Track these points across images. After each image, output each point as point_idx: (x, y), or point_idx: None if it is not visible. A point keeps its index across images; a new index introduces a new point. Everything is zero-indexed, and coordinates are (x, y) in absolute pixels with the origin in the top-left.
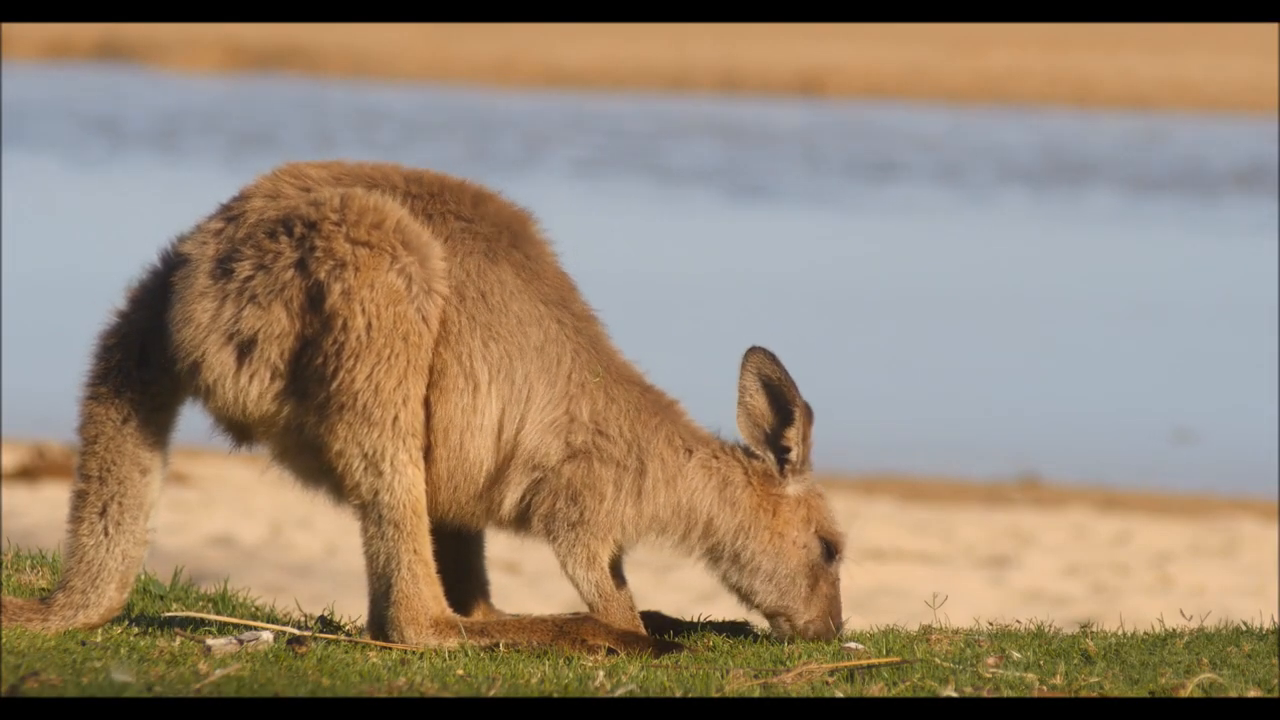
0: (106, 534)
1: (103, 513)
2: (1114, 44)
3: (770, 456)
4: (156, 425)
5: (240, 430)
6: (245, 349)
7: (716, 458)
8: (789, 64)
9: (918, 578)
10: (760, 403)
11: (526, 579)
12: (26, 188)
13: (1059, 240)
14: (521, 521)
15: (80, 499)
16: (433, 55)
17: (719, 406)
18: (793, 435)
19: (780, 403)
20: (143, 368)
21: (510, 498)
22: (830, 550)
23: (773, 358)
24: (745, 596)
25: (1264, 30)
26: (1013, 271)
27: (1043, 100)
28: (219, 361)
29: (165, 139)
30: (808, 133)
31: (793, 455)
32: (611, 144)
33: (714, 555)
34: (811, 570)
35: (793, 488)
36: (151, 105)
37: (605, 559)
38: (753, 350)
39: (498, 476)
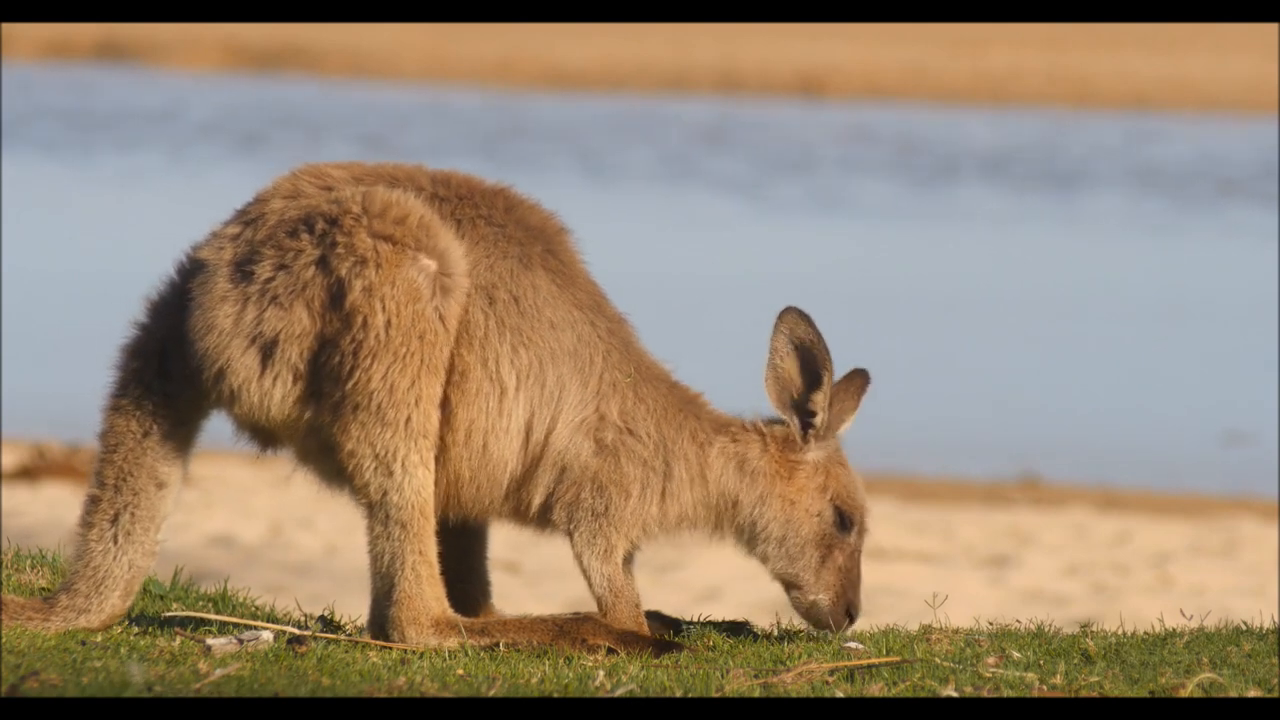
0: (116, 542)
1: (114, 521)
2: (1114, 44)
3: (795, 421)
4: (177, 440)
5: (265, 435)
6: (268, 351)
7: (735, 440)
8: (789, 64)
9: (918, 578)
10: (790, 366)
11: (526, 579)
12: (27, 187)
13: (1059, 242)
14: (545, 515)
15: (93, 504)
16: (433, 55)
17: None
18: (819, 400)
19: (810, 366)
20: (164, 379)
21: (539, 497)
22: (845, 520)
23: (807, 319)
24: (761, 560)
25: (1264, 30)
26: (1011, 272)
27: (1043, 100)
28: (243, 366)
29: (165, 139)
30: (808, 132)
31: (818, 420)
32: (613, 144)
33: (737, 529)
34: (824, 539)
35: (813, 454)
36: (151, 105)
37: (621, 554)
38: (787, 310)
39: (525, 477)
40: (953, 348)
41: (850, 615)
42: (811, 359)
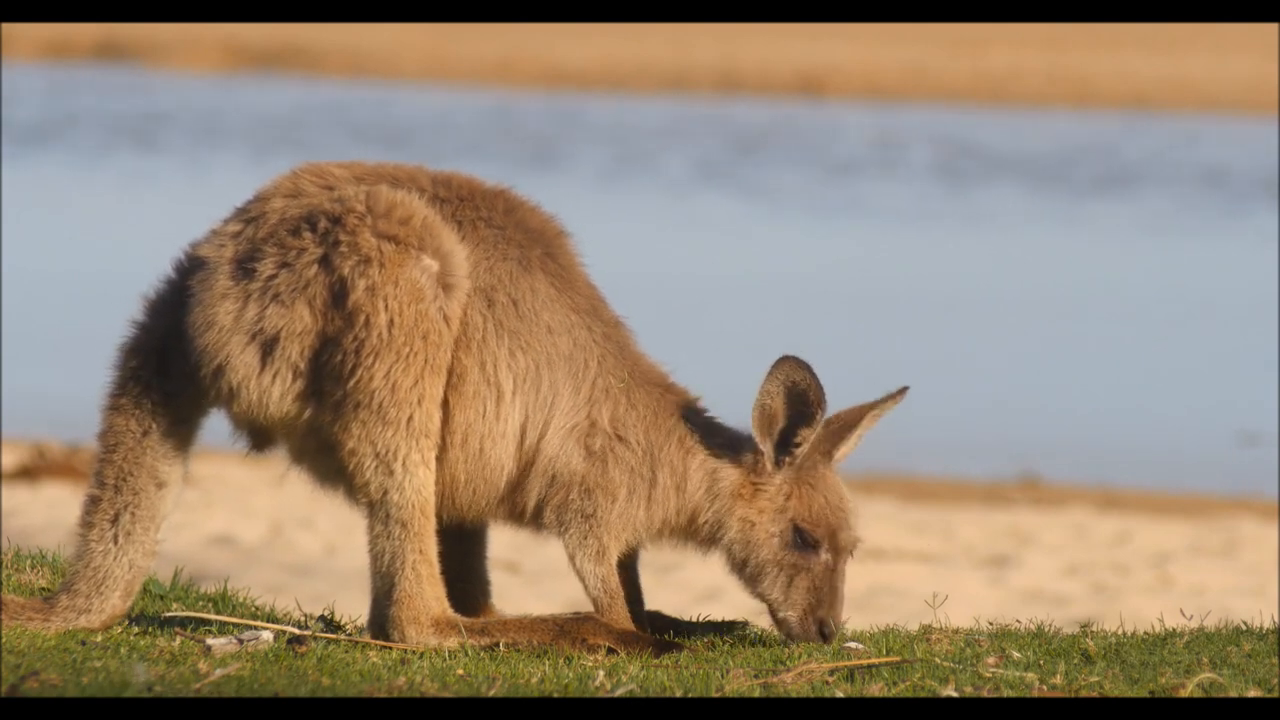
0: (116, 542)
1: (114, 521)
2: (1114, 44)
3: (769, 448)
4: (177, 439)
5: (262, 433)
6: (268, 348)
7: (715, 455)
8: (789, 64)
9: (918, 578)
10: (779, 405)
11: (526, 579)
12: (27, 187)
13: (1060, 242)
14: (538, 517)
15: (93, 504)
16: (433, 55)
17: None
18: (806, 433)
19: (802, 404)
20: (163, 378)
21: (534, 501)
22: (805, 539)
23: (806, 366)
24: (738, 581)
25: (1264, 30)
26: (1012, 272)
27: (1043, 100)
28: (243, 363)
29: (167, 139)
30: (808, 132)
31: (798, 452)
32: (614, 144)
33: (706, 547)
34: (784, 560)
35: (780, 477)
36: (150, 105)
37: (614, 556)
38: (784, 359)
39: (520, 481)
40: (953, 348)
41: (823, 633)
42: (804, 400)
